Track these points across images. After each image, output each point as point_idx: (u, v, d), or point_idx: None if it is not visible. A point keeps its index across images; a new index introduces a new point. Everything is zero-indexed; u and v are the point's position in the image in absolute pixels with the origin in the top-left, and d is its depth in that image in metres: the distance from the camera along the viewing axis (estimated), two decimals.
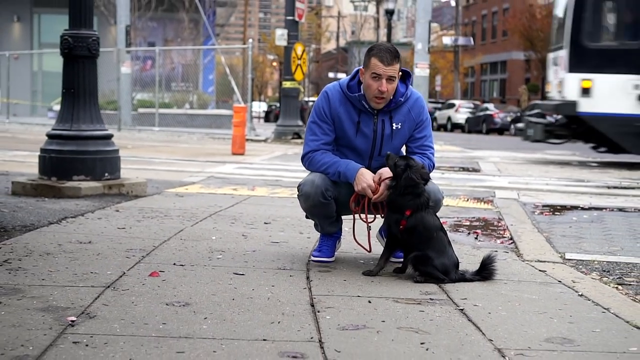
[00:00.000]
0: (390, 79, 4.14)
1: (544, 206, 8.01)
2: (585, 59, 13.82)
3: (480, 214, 7.15)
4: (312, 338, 2.96)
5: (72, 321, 3.03)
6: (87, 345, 2.75)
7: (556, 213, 7.56)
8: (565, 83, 14.25)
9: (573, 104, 13.90)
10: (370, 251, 4.58)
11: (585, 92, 13.63)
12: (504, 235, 5.97)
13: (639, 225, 6.81)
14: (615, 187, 10.51)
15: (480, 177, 11.66)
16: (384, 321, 3.24)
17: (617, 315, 3.55)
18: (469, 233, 6.04)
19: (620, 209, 7.95)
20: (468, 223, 6.57)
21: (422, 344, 2.94)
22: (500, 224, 6.55)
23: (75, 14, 7.30)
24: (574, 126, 14.83)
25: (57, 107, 27.50)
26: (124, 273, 3.95)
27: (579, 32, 14.03)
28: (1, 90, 28.61)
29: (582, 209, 7.90)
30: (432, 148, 4.42)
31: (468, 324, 3.26)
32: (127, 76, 24.03)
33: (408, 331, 3.10)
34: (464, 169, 13.16)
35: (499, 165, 13.87)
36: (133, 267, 4.12)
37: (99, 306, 3.28)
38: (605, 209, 7.92)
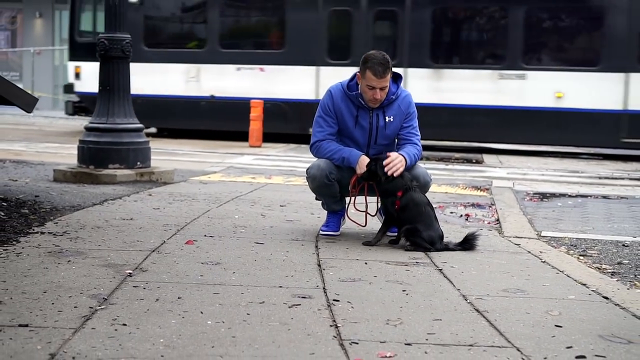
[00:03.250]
0: (382, 88, 4.94)
1: (534, 194, 8.77)
2: (77, 51, 17.96)
3: (474, 200, 7.93)
4: (317, 286, 3.78)
5: (130, 273, 3.87)
6: (144, 288, 3.58)
7: (544, 199, 8.33)
8: (68, 69, 18.74)
9: (72, 85, 17.98)
10: (365, 226, 5.34)
11: (77, 76, 17.71)
12: (492, 217, 6.75)
13: (616, 210, 7.59)
14: (606, 178, 11.25)
15: (481, 168, 12.43)
16: (375, 276, 4.06)
17: (568, 276, 4.34)
18: (461, 215, 6.82)
19: (604, 197, 8.70)
20: (462, 207, 7.36)
21: (403, 290, 3.76)
22: (490, 208, 7.33)
23: (111, 19, 8.15)
24: (84, 104, 18.06)
25: None
26: (164, 242, 4.79)
27: (73, 29, 18.28)
28: (25, 84, 29.57)
29: (570, 196, 8.66)
30: (418, 135, 5.22)
31: (443, 279, 4.07)
32: None
33: (394, 283, 3.92)
34: (468, 161, 13.93)
35: (500, 158, 14.62)
36: (171, 237, 4.95)
37: (149, 264, 4.12)
38: (591, 196, 8.68)
